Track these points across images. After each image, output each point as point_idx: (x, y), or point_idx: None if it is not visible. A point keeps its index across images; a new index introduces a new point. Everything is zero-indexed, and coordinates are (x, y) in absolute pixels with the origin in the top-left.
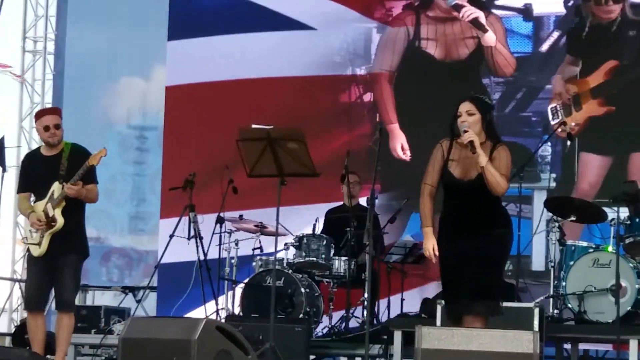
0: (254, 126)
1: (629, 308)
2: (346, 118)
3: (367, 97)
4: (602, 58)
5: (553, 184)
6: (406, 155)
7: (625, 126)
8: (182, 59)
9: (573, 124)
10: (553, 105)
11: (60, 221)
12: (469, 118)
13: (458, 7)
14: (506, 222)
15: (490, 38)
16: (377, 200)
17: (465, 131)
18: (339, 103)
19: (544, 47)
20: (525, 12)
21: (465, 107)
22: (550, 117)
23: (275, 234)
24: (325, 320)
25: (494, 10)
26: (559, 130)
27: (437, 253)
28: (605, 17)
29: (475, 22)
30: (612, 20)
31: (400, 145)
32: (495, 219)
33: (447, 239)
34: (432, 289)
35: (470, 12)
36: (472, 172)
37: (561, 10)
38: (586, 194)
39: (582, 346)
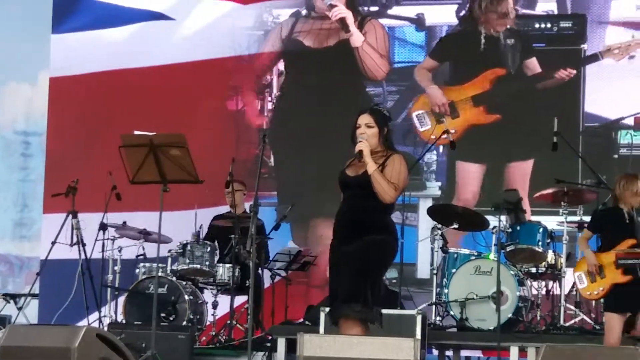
0: (136, 132)
1: (510, 315)
2: (233, 124)
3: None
4: (487, 66)
5: (439, 192)
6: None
7: (504, 135)
8: (65, 53)
9: (453, 130)
10: (420, 112)
11: None
12: (367, 130)
13: (332, 7)
14: (387, 229)
15: (356, 39)
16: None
17: (361, 141)
18: (226, 109)
19: None
20: (418, 22)
21: (365, 119)
22: (418, 124)
23: (158, 241)
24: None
25: (387, 20)
26: (444, 137)
27: None
28: (498, 27)
29: (341, 22)
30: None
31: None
32: (377, 225)
33: (335, 241)
34: (316, 296)
35: (339, 12)
36: (361, 170)
37: (453, 20)
38: (468, 202)
39: (464, 353)
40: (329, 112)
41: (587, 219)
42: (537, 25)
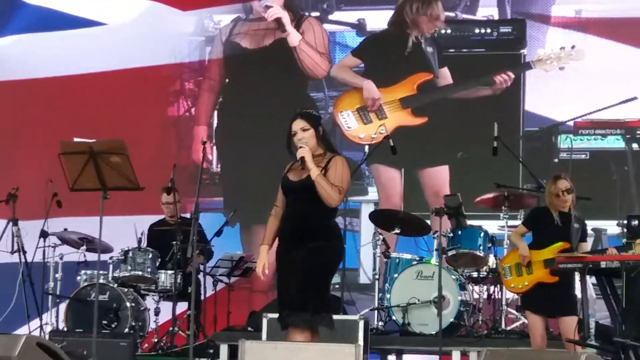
0: (75, 140)
1: (451, 319)
2: (174, 130)
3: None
4: (414, 69)
5: None
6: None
7: (425, 140)
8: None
9: (383, 130)
10: (344, 112)
11: None
12: (304, 134)
13: (267, 8)
14: (332, 233)
15: (293, 39)
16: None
17: (302, 147)
18: (167, 116)
19: None
20: (359, 27)
21: (299, 124)
22: (343, 125)
23: (98, 248)
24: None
25: (328, 25)
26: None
27: (266, 272)
28: (427, 30)
29: (277, 22)
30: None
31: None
32: (322, 230)
33: (281, 247)
34: (259, 301)
35: (274, 12)
36: (304, 175)
37: None
38: (397, 206)
39: (406, 357)
40: (271, 115)
41: None
42: (477, 31)
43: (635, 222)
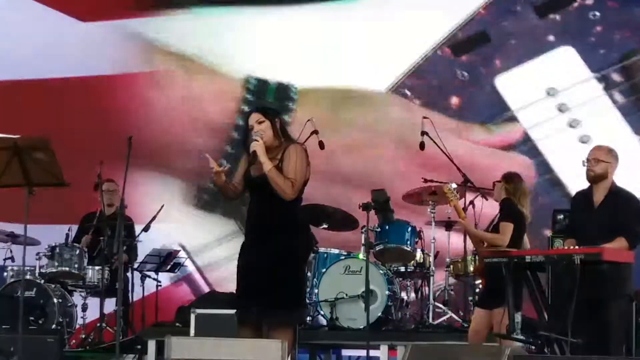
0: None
1: (379, 314)
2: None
3: (121, 102)
4: None
5: None
6: None
7: None
8: None
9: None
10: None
11: None
12: (260, 126)
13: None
14: (296, 226)
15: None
16: None
17: (256, 140)
18: (95, 109)
19: None
20: None
21: (254, 118)
22: None
23: (24, 244)
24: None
25: None
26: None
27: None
28: None
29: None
30: None
31: None
32: (286, 224)
33: (246, 242)
34: (187, 297)
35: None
36: (263, 170)
37: None
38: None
39: (334, 352)
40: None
41: (455, 217)
42: None
43: (561, 217)
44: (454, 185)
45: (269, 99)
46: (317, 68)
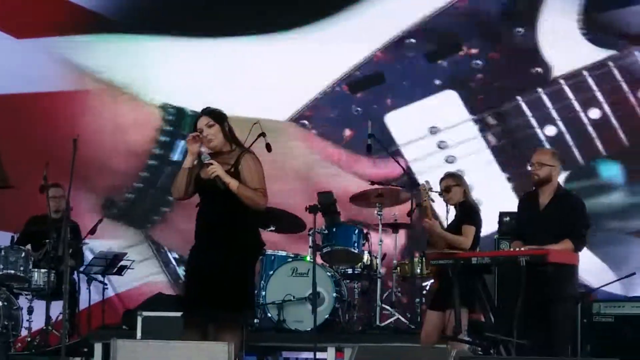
0: None
1: (326, 316)
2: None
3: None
4: None
5: None
6: None
7: None
8: None
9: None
10: None
11: None
12: (210, 130)
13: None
14: (248, 229)
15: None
16: None
17: (209, 164)
18: (40, 108)
19: None
20: None
21: (203, 121)
22: None
23: None
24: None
25: None
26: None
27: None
28: None
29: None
30: None
31: None
32: (237, 227)
33: (197, 245)
34: (134, 300)
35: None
36: (212, 173)
37: None
38: None
39: (282, 354)
40: None
41: (403, 219)
42: None
43: (507, 219)
44: (429, 186)
45: (185, 127)
46: (229, 97)
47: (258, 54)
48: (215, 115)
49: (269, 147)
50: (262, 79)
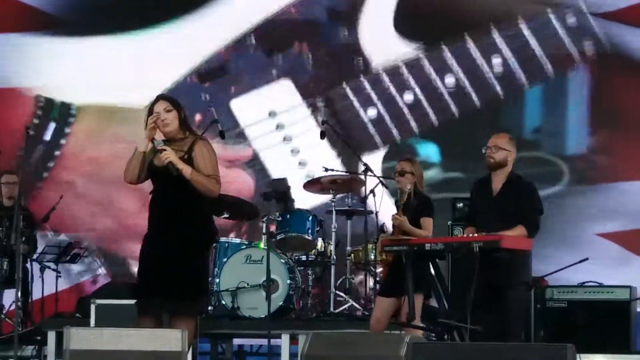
0: None
1: (280, 303)
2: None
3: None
4: None
5: None
6: None
7: None
8: None
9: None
10: None
11: None
12: (168, 115)
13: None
14: (201, 218)
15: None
16: None
17: (162, 149)
18: None
19: None
20: None
21: (162, 105)
22: None
23: None
24: None
25: None
26: None
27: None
28: None
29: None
30: None
31: None
32: (191, 215)
33: (150, 232)
34: (88, 288)
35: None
36: (165, 159)
37: None
38: None
39: (236, 341)
40: None
41: (357, 206)
42: None
43: (460, 205)
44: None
45: (55, 114)
46: (94, 88)
47: (124, 50)
48: (173, 101)
49: (222, 134)
50: (125, 72)
